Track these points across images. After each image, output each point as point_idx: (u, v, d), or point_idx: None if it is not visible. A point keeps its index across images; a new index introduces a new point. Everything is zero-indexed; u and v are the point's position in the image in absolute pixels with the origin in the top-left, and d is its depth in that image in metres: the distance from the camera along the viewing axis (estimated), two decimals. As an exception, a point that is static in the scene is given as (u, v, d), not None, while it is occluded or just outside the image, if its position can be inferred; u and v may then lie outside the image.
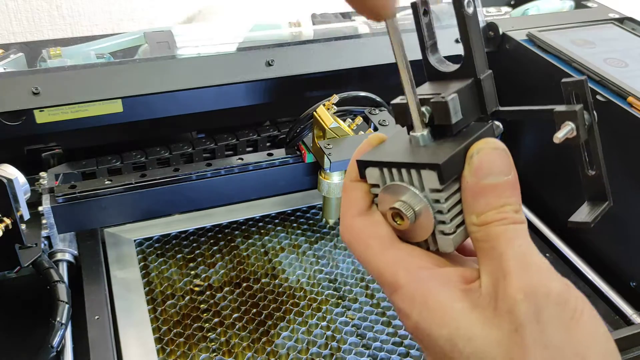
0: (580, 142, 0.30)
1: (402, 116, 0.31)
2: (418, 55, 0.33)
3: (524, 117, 0.32)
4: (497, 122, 0.32)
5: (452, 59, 0.33)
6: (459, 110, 0.30)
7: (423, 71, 0.33)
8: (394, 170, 0.30)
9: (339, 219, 0.75)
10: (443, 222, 0.29)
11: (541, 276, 0.26)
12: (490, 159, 0.29)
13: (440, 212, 0.29)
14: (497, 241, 0.27)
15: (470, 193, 0.29)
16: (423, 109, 0.30)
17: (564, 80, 0.30)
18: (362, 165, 0.31)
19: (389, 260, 0.30)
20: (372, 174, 0.31)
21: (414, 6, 0.32)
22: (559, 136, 0.29)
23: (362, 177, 0.32)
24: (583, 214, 0.32)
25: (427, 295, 0.28)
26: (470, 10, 0.30)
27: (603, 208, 0.32)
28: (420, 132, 0.30)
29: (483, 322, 0.26)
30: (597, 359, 0.25)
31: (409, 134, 0.31)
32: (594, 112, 0.30)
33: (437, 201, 0.29)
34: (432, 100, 0.30)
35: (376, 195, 0.31)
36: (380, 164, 0.31)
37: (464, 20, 0.30)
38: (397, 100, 0.31)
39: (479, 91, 0.31)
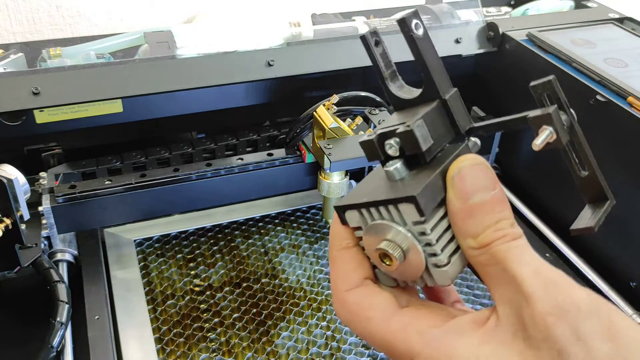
0: (563, 145, 0.28)
1: (372, 152, 0.30)
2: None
3: (500, 130, 0.30)
4: (473, 139, 0.31)
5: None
6: (428, 135, 0.28)
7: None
8: (373, 210, 0.29)
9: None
10: (434, 254, 0.28)
11: (564, 291, 0.25)
12: (473, 176, 0.27)
13: (428, 244, 0.28)
14: (505, 262, 0.26)
15: (460, 217, 0.27)
16: (392, 141, 0.29)
17: (532, 83, 0.29)
18: (341, 210, 0.30)
19: (396, 328, 0.28)
20: (352, 217, 0.30)
21: (363, 39, 0.30)
22: (537, 143, 0.27)
23: (344, 223, 0.31)
24: (585, 219, 0.30)
25: (450, 352, 0.26)
26: (419, 32, 0.28)
27: (605, 208, 0.30)
28: (394, 166, 0.29)
29: (519, 358, 0.25)
30: None
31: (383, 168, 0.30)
32: (571, 110, 0.28)
33: (423, 233, 0.28)
34: (397, 132, 0.28)
35: (361, 239, 0.30)
36: (357, 206, 0.29)
37: (415, 44, 0.28)
38: (365, 137, 0.30)
39: (448, 112, 0.30)
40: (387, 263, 0.29)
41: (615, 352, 0.24)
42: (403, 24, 0.28)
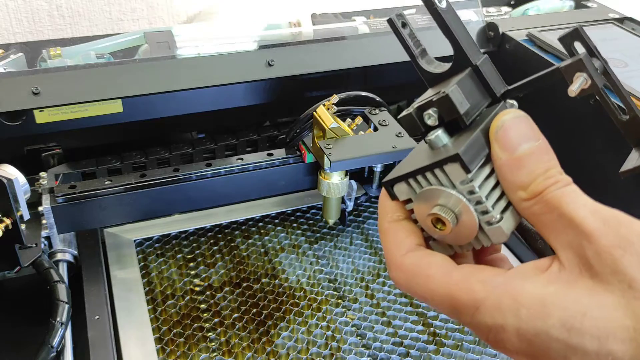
0: (599, 89, 0.28)
1: (412, 126, 0.31)
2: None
3: (536, 87, 0.30)
4: (510, 101, 0.31)
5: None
6: (464, 99, 0.29)
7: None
8: (420, 178, 0.30)
9: (339, 219, 0.75)
10: (486, 212, 0.28)
11: (625, 224, 0.25)
12: (517, 128, 0.28)
13: (479, 202, 0.28)
14: (561, 207, 0.26)
15: (508, 169, 0.27)
16: (430, 111, 0.29)
17: (560, 35, 0.30)
18: (389, 184, 0.31)
19: (458, 279, 0.28)
20: (401, 189, 0.31)
21: (390, 22, 0.31)
22: (573, 89, 0.28)
23: (394, 198, 0.31)
24: (633, 160, 0.30)
25: (516, 294, 0.26)
26: (443, 5, 0.30)
27: None
28: (435, 134, 0.29)
29: (588, 293, 0.25)
30: None
31: (425, 141, 0.30)
32: (603, 56, 0.29)
33: (472, 192, 0.28)
34: (434, 100, 0.29)
35: (412, 212, 0.31)
36: (404, 177, 0.30)
37: (440, 16, 0.30)
38: (403, 113, 0.31)
39: (480, 77, 0.31)
40: (441, 228, 0.29)
41: None
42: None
